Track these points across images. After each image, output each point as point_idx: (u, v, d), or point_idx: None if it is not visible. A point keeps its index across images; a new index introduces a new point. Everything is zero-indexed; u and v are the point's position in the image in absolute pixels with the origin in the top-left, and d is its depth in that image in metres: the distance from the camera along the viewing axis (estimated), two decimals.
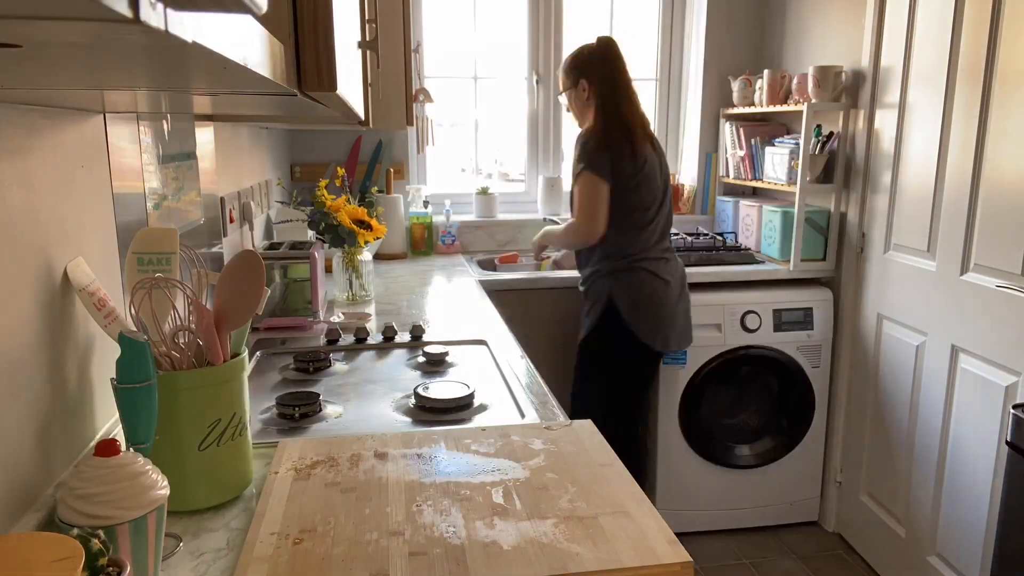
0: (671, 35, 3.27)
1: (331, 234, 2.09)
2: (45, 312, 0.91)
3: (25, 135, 0.87)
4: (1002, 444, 1.93)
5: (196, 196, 1.53)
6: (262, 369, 1.58)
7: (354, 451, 1.10)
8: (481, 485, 0.99)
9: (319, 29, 0.74)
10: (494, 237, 3.15)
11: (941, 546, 2.19)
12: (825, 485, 2.77)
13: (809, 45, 2.82)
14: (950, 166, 2.11)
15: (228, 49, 0.45)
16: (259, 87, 0.69)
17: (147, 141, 1.25)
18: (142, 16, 0.31)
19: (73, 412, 0.98)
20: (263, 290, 1.00)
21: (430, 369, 1.57)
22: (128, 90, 0.75)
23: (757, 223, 2.88)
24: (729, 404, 2.74)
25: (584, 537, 0.86)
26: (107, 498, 0.73)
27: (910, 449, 2.32)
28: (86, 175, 1.04)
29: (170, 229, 1.10)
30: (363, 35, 1.33)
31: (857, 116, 2.52)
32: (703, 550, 2.64)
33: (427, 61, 3.14)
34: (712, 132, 3.20)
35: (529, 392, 1.43)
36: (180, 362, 0.96)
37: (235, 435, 0.99)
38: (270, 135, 2.60)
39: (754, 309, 2.60)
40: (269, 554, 0.83)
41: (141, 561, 0.75)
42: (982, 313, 2.00)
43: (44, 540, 0.61)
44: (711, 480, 2.70)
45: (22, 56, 0.45)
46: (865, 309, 2.53)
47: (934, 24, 2.16)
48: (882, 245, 2.43)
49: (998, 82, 1.94)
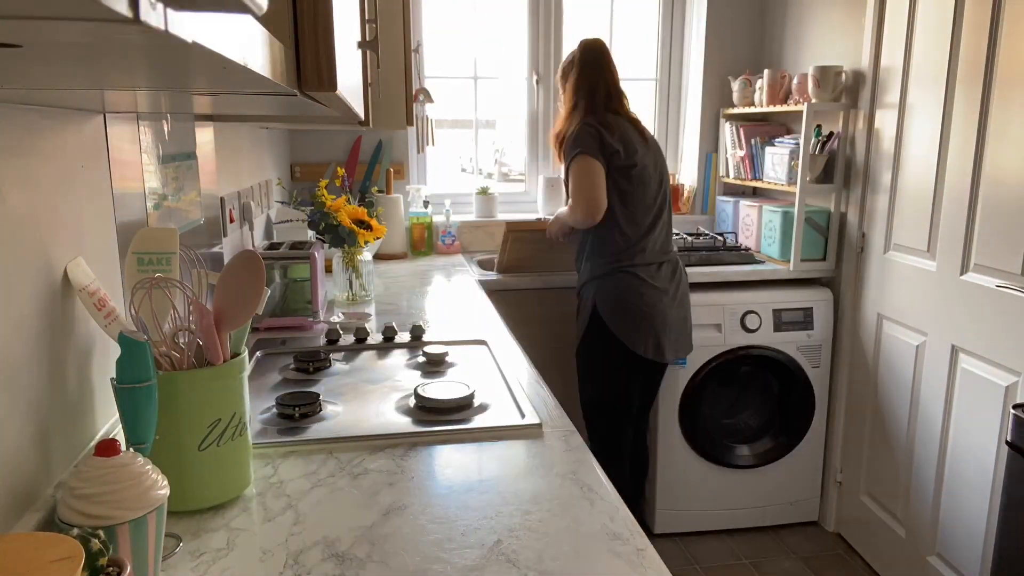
0: (671, 35, 3.27)
1: (331, 234, 2.09)
2: (45, 312, 0.91)
3: (25, 135, 0.87)
4: (1002, 444, 1.93)
5: (196, 196, 1.53)
6: (262, 369, 1.58)
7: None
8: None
9: (319, 29, 0.74)
10: (494, 237, 3.14)
11: (941, 546, 2.19)
12: (825, 485, 2.77)
13: (809, 45, 2.82)
14: (950, 166, 2.11)
15: (228, 49, 0.45)
16: (259, 87, 0.69)
17: (147, 141, 1.25)
18: (142, 16, 0.31)
19: (73, 412, 0.98)
20: (263, 290, 1.00)
21: (430, 369, 1.57)
22: (128, 90, 0.75)
23: (757, 223, 2.88)
24: (729, 404, 2.74)
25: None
26: (107, 498, 0.73)
27: (910, 449, 2.32)
28: (86, 175, 1.04)
29: (170, 229, 1.10)
30: (363, 35, 1.33)
31: (857, 116, 2.52)
32: (703, 550, 2.64)
33: (427, 61, 3.14)
34: (712, 132, 3.20)
35: (529, 392, 1.43)
36: (180, 362, 0.96)
37: (235, 435, 0.99)
38: (270, 135, 2.60)
39: (754, 309, 2.60)
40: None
41: (141, 561, 0.75)
42: (982, 313, 2.00)
43: (44, 540, 0.61)
44: (711, 480, 2.70)
45: (22, 56, 0.45)
46: (865, 309, 2.53)
47: (934, 24, 2.16)
48: (882, 245, 2.43)
49: (998, 82, 1.94)
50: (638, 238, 2.21)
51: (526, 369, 1.58)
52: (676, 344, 2.29)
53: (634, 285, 2.19)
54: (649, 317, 2.20)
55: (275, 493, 1.03)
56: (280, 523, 0.95)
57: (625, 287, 2.19)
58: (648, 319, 2.20)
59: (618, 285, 2.20)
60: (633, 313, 2.19)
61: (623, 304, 2.19)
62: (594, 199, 2.14)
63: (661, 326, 2.22)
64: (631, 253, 2.21)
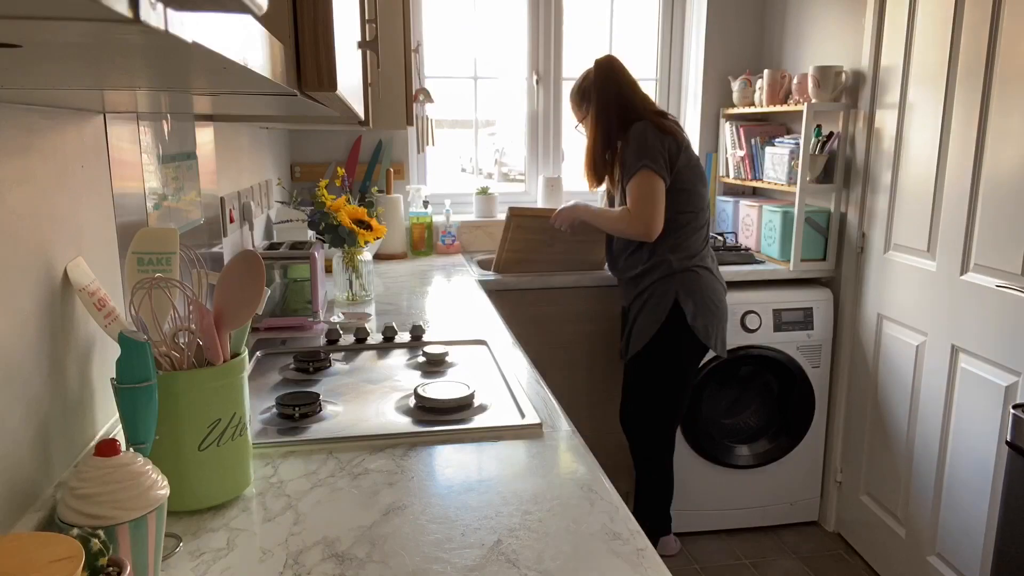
0: (671, 35, 3.27)
1: (331, 234, 2.09)
2: (45, 312, 0.91)
3: (25, 135, 0.87)
4: (1002, 444, 1.93)
5: (196, 196, 1.53)
6: (262, 369, 1.58)
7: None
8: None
9: (319, 29, 0.74)
10: (494, 237, 3.14)
11: (941, 546, 2.19)
12: (825, 485, 2.77)
13: (809, 45, 2.82)
14: (950, 166, 2.11)
15: (228, 49, 0.45)
16: (259, 87, 0.69)
17: (147, 141, 1.25)
18: (142, 16, 0.31)
19: (73, 412, 0.98)
20: (263, 290, 1.00)
21: (430, 369, 1.57)
22: (128, 90, 0.75)
23: (757, 223, 2.88)
24: (729, 404, 2.74)
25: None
26: (107, 498, 0.73)
27: (910, 449, 2.32)
28: (86, 175, 1.04)
29: (170, 229, 1.10)
30: (363, 35, 1.33)
31: (857, 116, 2.52)
32: (703, 550, 2.64)
33: (427, 61, 3.14)
34: (712, 132, 3.20)
35: (529, 392, 1.43)
36: (180, 362, 0.96)
37: (235, 435, 0.99)
38: (270, 135, 2.60)
39: (754, 309, 2.60)
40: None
41: (141, 561, 0.75)
42: (982, 313, 2.00)
43: (44, 540, 0.61)
44: (711, 480, 2.70)
45: (22, 56, 0.45)
46: (865, 309, 2.53)
47: (934, 24, 2.16)
48: (882, 245, 2.43)
49: (998, 82, 1.94)
50: (701, 235, 2.28)
51: (526, 369, 1.58)
52: (726, 338, 2.37)
53: (712, 281, 2.27)
54: (722, 311, 2.29)
55: (275, 493, 1.03)
56: (280, 523, 0.96)
57: (707, 283, 2.26)
58: (720, 313, 2.28)
59: (701, 282, 2.25)
60: (713, 308, 2.26)
61: (708, 300, 2.25)
62: (655, 221, 2.18)
63: (725, 321, 2.32)
64: (700, 249, 2.27)
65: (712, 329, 2.25)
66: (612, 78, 2.27)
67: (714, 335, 2.26)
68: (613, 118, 2.25)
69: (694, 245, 2.25)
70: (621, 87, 2.26)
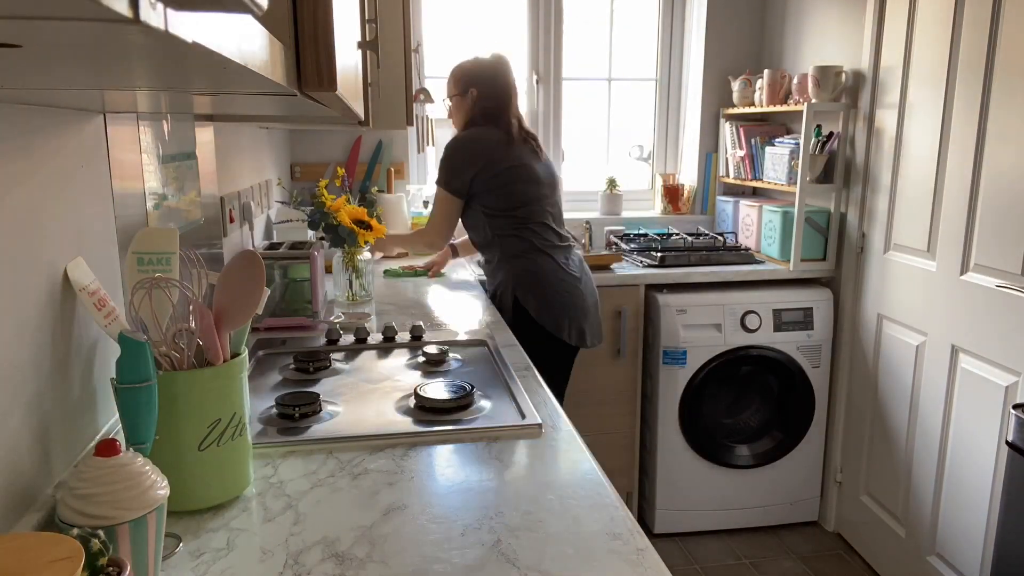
0: (671, 35, 3.27)
1: (331, 234, 2.09)
2: (45, 312, 0.91)
3: (25, 135, 0.87)
4: (1002, 444, 1.93)
5: (196, 196, 1.53)
6: (262, 369, 1.58)
7: None
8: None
9: (319, 29, 0.74)
10: None
11: (941, 546, 2.19)
12: (825, 485, 2.77)
13: (809, 45, 2.82)
14: (950, 166, 2.11)
15: (228, 49, 0.45)
16: (259, 87, 0.69)
17: (147, 141, 1.25)
18: (142, 16, 0.31)
19: (73, 412, 0.98)
20: (263, 290, 1.00)
21: (430, 369, 1.57)
22: (128, 90, 0.75)
23: (757, 223, 2.88)
24: (729, 404, 2.74)
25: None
26: (107, 498, 0.73)
27: (910, 449, 2.32)
28: (86, 175, 1.04)
29: (170, 229, 1.11)
30: (363, 35, 1.33)
31: (857, 116, 2.53)
32: (703, 550, 2.64)
33: (427, 61, 3.14)
34: (712, 132, 3.20)
35: (529, 392, 1.43)
36: (180, 362, 0.96)
37: (235, 435, 0.99)
38: (270, 135, 2.60)
39: (754, 309, 2.60)
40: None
41: (141, 561, 0.75)
42: (982, 313, 2.00)
43: (44, 540, 0.61)
44: (711, 480, 2.70)
45: (22, 56, 0.45)
46: (865, 309, 2.53)
47: (934, 24, 2.16)
48: (882, 245, 2.43)
49: (998, 82, 1.94)
50: (538, 225, 2.27)
51: (526, 369, 1.58)
52: (593, 332, 2.30)
53: (548, 265, 2.23)
54: (577, 301, 2.24)
55: (275, 493, 1.03)
56: (280, 523, 0.95)
57: (540, 266, 2.23)
58: (574, 303, 2.23)
59: (533, 266, 2.23)
60: (552, 295, 2.21)
61: (543, 285, 2.22)
62: (440, 235, 2.34)
63: (582, 312, 2.25)
64: (543, 243, 2.27)
65: (564, 321, 2.20)
66: (505, 78, 2.28)
67: (566, 327, 2.20)
68: (478, 115, 2.26)
69: (525, 242, 2.22)
70: (508, 90, 2.28)
